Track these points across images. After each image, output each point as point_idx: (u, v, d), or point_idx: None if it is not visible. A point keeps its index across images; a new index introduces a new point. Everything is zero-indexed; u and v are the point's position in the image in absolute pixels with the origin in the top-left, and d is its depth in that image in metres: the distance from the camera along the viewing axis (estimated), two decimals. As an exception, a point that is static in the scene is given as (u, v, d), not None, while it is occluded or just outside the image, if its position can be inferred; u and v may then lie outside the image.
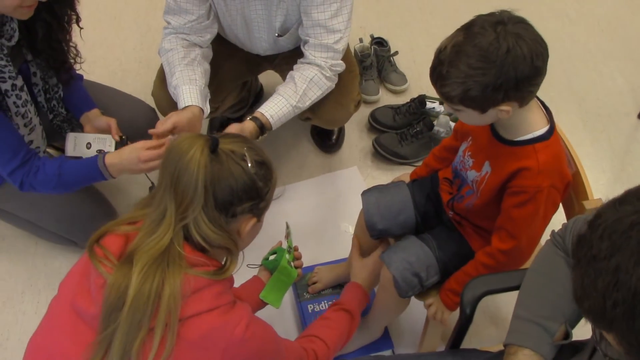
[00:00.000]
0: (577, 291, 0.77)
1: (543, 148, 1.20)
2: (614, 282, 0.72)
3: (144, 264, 0.99)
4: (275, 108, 1.67)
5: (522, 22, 1.11)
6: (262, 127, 1.65)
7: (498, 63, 1.07)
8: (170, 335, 0.98)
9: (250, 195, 1.07)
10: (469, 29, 1.11)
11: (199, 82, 1.68)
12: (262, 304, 1.52)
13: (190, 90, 1.64)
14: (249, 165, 1.05)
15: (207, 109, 1.69)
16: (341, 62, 1.75)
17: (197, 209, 1.02)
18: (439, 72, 1.13)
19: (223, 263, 1.10)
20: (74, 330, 1.03)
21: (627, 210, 0.74)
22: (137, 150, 1.53)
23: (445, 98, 1.16)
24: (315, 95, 1.73)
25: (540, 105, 1.24)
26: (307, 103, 1.72)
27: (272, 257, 1.57)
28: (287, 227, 1.62)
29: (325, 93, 1.76)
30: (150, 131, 1.57)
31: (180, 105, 1.64)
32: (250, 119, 1.64)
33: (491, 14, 1.11)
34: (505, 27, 1.08)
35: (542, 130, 1.21)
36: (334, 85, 1.78)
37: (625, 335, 0.74)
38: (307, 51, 1.72)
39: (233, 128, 1.60)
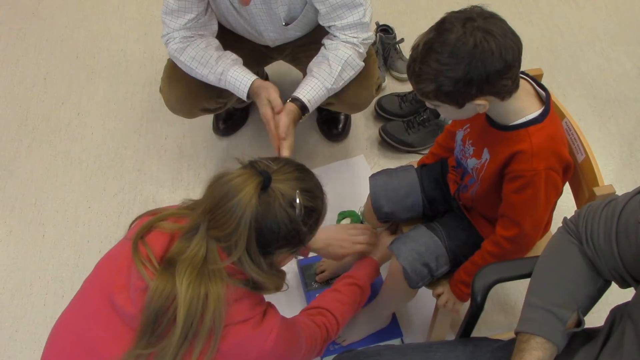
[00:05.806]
0: None
1: (536, 131, 1.20)
2: None
3: (189, 279, 0.99)
4: (312, 92, 1.68)
5: (491, 17, 1.11)
6: (303, 109, 1.67)
7: (466, 58, 1.08)
8: (213, 343, 0.99)
9: (292, 241, 1.07)
10: (439, 26, 1.12)
11: (239, 60, 1.71)
12: None
13: (243, 70, 1.68)
14: (297, 212, 1.03)
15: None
16: (371, 33, 1.74)
17: (240, 250, 1.01)
18: (412, 70, 1.15)
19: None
20: (108, 322, 1.05)
21: None
22: None
23: (421, 95, 1.17)
24: (348, 76, 1.72)
25: (533, 90, 1.24)
26: (340, 84, 1.72)
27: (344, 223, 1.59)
28: None
29: (356, 74, 1.75)
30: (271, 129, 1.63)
31: (245, 84, 1.66)
32: (291, 101, 1.66)
33: (461, 11, 1.13)
34: (474, 22, 1.09)
35: (535, 113, 1.21)
36: (363, 64, 1.76)
37: None
38: (336, 33, 1.70)
39: (284, 118, 1.61)
